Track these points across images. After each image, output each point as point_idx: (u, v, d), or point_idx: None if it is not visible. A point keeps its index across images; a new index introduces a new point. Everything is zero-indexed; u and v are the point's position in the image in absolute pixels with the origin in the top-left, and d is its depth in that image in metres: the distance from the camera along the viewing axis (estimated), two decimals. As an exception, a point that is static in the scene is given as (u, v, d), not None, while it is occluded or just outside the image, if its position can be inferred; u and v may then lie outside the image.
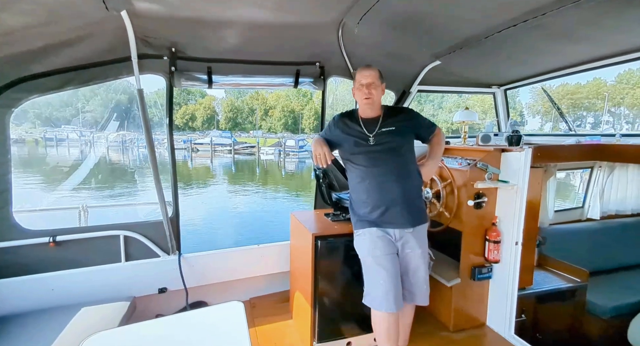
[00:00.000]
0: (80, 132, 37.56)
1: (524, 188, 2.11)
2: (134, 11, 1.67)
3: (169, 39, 2.04)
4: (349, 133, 1.81)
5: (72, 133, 36.03)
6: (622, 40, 2.03)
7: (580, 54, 2.31)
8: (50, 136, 34.80)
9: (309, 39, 2.19)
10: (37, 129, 37.60)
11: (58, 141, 33.58)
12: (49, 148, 32.11)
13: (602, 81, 40.67)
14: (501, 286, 2.26)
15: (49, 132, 36.05)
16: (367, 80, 1.75)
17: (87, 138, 35.54)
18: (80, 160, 24.92)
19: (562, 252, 2.82)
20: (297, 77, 2.46)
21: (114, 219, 2.44)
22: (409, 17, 1.88)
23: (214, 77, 2.25)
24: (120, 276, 2.36)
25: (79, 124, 40.58)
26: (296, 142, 32.19)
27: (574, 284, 2.52)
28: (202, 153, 32.89)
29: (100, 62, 2.02)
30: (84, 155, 28.33)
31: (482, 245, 2.28)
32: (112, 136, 31.83)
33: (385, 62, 2.50)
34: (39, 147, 32.73)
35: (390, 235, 1.76)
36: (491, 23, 1.87)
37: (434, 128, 1.93)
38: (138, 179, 15.77)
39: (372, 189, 1.75)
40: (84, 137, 36.14)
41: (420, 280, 1.82)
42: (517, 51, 2.32)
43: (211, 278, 2.63)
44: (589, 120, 43.92)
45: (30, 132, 36.57)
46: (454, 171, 2.33)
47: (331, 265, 2.07)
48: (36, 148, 32.70)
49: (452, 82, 3.05)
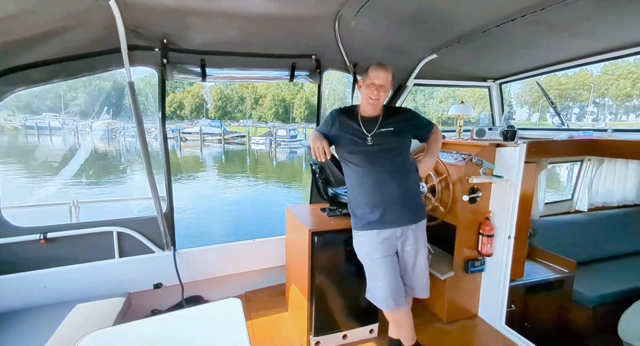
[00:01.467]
0: (63, 120, 36.35)
1: (518, 183, 2.14)
2: (123, 0, 1.60)
3: (161, 30, 1.96)
4: (347, 131, 1.79)
5: (54, 121, 34.85)
6: (622, 34, 2.03)
7: (578, 48, 2.32)
8: (31, 124, 33.57)
9: (305, 31, 2.14)
10: (17, 117, 36.14)
11: (39, 129, 32.45)
12: (30, 136, 31.03)
13: (589, 72, 41.39)
14: (493, 279, 2.32)
15: (29, 119, 34.72)
16: (380, 82, 1.69)
17: (71, 127, 34.45)
18: (65, 150, 24.16)
19: (552, 243, 2.90)
20: (292, 71, 2.41)
21: (106, 215, 2.39)
22: (407, 10, 1.85)
23: (207, 70, 2.19)
24: (114, 273, 2.33)
25: (62, 112, 39.22)
26: (287, 132, 31.92)
27: (562, 275, 2.61)
28: (191, 143, 32.36)
29: (88, 53, 1.94)
30: (69, 145, 27.47)
31: (475, 239, 2.32)
32: (96, 124, 30.92)
33: (381, 56, 2.46)
34: (20, 136, 31.59)
35: (391, 234, 1.78)
36: (489, 17, 1.85)
37: (431, 127, 1.93)
38: (130, 175, 15.39)
39: (370, 189, 1.75)
40: (67, 125, 35.01)
41: (420, 275, 1.86)
42: (514, 45, 2.31)
43: (207, 273, 2.63)
44: (574, 110, 44.89)
45: (9, 120, 35.12)
46: (449, 166, 2.34)
47: (327, 260, 2.08)
48: (17, 137, 31.56)
49: (448, 75, 3.04)
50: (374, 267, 1.79)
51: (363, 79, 1.77)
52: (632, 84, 39.33)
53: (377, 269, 1.77)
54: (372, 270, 1.81)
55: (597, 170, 3.23)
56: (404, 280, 1.85)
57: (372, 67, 1.73)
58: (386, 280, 1.75)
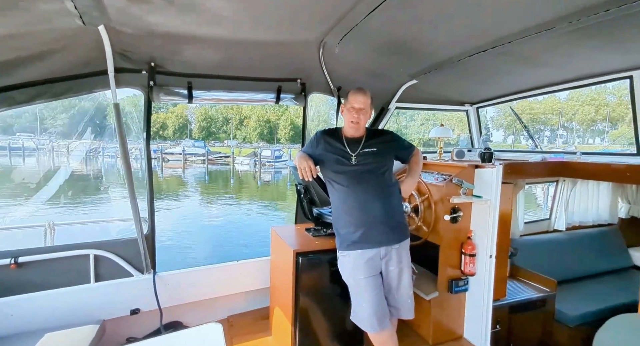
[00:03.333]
0: (39, 140, 35.11)
1: (497, 202, 2.22)
2: (112, 26, 1.63)
3: (148, 53, 1.99)
4: (331, 151, 1.83)
5: (28, 141, 33.58)
6: (580, 66, 2.24)
7: (543, 78, 2.51)
8: (3, 144, 32.20)
9: (291, 56, 2.22)
10: (-13, 137, 34.62)
11: (12, 151, 31.12)
12: (2, 157, 29.69)
13: (556, 98, 44.30)
14: (477, 299, 2.34)
15: (1, 140, 33.33)
16: (359, 106, 1.79)
17: (47, 148, 33.25)
18: (40, 173, 23.13)
19: (533, 262, 2.96)
20: (278, 93, 2.47)
21: (84, 237, 2.30)
22: (387, 39, 1.96)
23: (194, 92, 2.21)
24: (88, 298, 2.21)
25: (37, 132, 37.90)
26: (272, 152, 31.93)
27: (544, 294, 2.65)
28: (173, 164, 31.76)
29: (74, 75, 1.93)
30: (45, 167, 26.36)
31: (458, 259, 2.35)
32: (74, 145, 30.00)
33: (364, 80, 2.57)
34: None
35: (375, 254, 1.79)
36: (463, 48, 1.99)
37: (412, 149, 2.01)
38: (111, 195, 14.79)
39: (354, 209, 1.78)
40: (42, 146, 33.78)
41: (404, 296, 1.86)
42: (487, 73, 2.47)
43: (187, 297, 2.53)
44: (546, 134, 47.46)
45: (-21, 140, 33.54)
46: (430, 186, 2.41)
47: (312, 281, 2.05)
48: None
49: (428, 99, 3.18)
50: (358, 288, 1.79)
51: (344, 104, 1.87)
52: (595, 109, 42.66)
53: (361, 290, 1.77)
54: (357, 290, 1.80)
55: (571, 190, 3.38)
56: (389, 300, 1.84)
57: (351, 92, 1.83)
58: (370, 301, 1.74)
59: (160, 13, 1.52)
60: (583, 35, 1.69)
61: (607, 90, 40.75)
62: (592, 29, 1.58)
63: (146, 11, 1.49)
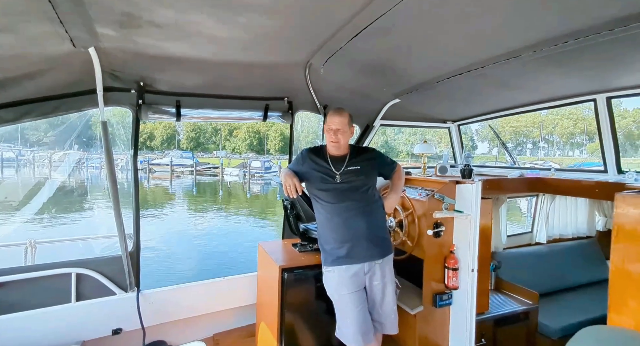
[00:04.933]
0: (19, 151, 34.05)
1: (477, 217, 2.30)
2: (102, 48, 1.66)
3: (138, 74, 2.03)
4: (316, 169, 1.88)
5: (8, 152, 32.55)
6: (548, 89, 2.41)
7: (517, 99, 2.66)
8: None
9: (278, 76, 2.29)
10: (-40, 147, 33.33)
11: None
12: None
13: (537, 112, 45.97)
14: (461, 312, 2.38)
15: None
16: (336, 127, 1.85)
17: (27, 158, 32.27)
18: (18, 184, 22.30)
19: (516, 275, 3.02)
20: (266, 111, 2.53)
21: (67, 256, 2.25)
22: (369, 62, 2.06)
23: (182, 111, 2.24)
24: (68, 319, 2.16)
25: (17, 142, 36.74)
26: (262, 163, 31.84)
27: (527, 306, 2.71)
28: (160, 175, 31.26)
29: (63, 94, 1.94)
30: (25, 180, 25.48)
31: (442, 273, 2.40)
32: (56, 156, 29.19)
33: (349, 99, 2.66)
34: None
35: (359, 270, 1.82)
36: (440, 71, 2.11)
37: (394, 165, 2.08)
38: (96, 212, 14.35)
39: (339, 225, 1.83)
40: (22, 156, 32.77)
41: (388, 310, 1.89)
42: (465, 94, 2.60)
43: (172, 315, 2.49)
44: (528, 146, 49.06)
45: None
46: (414, 201, 2.47)
47: (298, 297, 2.07)
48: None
49: (412, 117, 3.29)
50: (342, 303, 1.81)
51: (324, 124, 1.95)
52: (574, 123, 44.69)
53: (345, 305, 1.80)
54: (341, 306, 1.82)
55: (551, 204, 3.50)
56: (373, 315, 1.87)
57: (329, 114, 1.90)
58: (354, 316, 1.77)
59: (150, 36, 1.57)
60: (548, 63, 1.83)
61: (583, 105, 42.59)
62: (556, 57, 1.72)
63: (136, 34, 1.54)
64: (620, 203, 1.52)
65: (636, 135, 41.36)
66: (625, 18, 1.34)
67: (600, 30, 1.43)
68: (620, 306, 1.61)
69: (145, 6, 1.31)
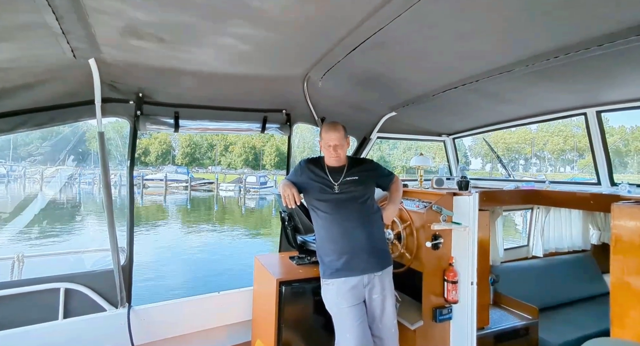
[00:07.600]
0: (10, 166, 33.61)
1: (475, 229, 2.29)
2: (102, 59, 1.68)
3: (137, 85, 2.04)
4: (315, 180, 1.88)
5: (0, 168, 32.09)
6: (539, 103, 2.48)
7: (510, 112, 2.72)
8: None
9: (276, 89, 2.31)
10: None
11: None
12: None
13: (528, 129, 47.19)
14: (461, 327, 2.33)
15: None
16: (334, 143, 1.85)
17: (18, 173, 31.80)
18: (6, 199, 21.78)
19: (514, 289, 2.99)
20: (264, 123, 2.54)
21: (57, 270, 2.18)
22: (366, 76, 2.11)
23: (180, 122, 2.25)
24: (54, 337, 2.07)
25: (9, 158, 36.30)
26: (257, 178, 31.74)
27: (527, 321, 2.66)
28: (153, 190, 30.89)
29: (60, 105, 1.94)
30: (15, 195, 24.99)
31: (442, 286, 2.37)
32: (48, 171, 28.84)
33: (347, 112, 2.69)
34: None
35: (358, 282, 1.79)
36: (435, 85, 2.17)
37: (392, 177, 2.09)
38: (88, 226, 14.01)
39: (337, 236, 1.80)
40: (13, 171, 32.32)
41: (388, 324, 1.84)
42: (460, 107, 2.65)
43: (164, 333, 2.40)
44: (520, 162, 49.90)
45: None
46: (412, 213, 2.46)
47: (295, 311, 2.01)
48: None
49: (408, 130, 3.34)
50: (341, 317, 1.76)
51: (320, 140, 1.94)
52: (563, 140, 45.78)
53: (345, 319, 1.75)
54: (340, 320, 1.77)
55: (545, 217, 3.51)
56: (373, 330, 1.82)
57: (324, 130, 1.90)
58: (354, 331, 1.72)
59: (151, 48, 1.59)
60: (539, 78, 1.89)
61: (572, 123, 43.85)
62: (547, 72, 1.78)
63: (137, 46, 1.56)
64: (617, 214, 1.53)
65: (624, 151, 42.32)
66: (614, 34, 1.40)
67: (590, 45, 1.49)
68: (623, 318, 1.59)
69: (147, 19, 1.34)
